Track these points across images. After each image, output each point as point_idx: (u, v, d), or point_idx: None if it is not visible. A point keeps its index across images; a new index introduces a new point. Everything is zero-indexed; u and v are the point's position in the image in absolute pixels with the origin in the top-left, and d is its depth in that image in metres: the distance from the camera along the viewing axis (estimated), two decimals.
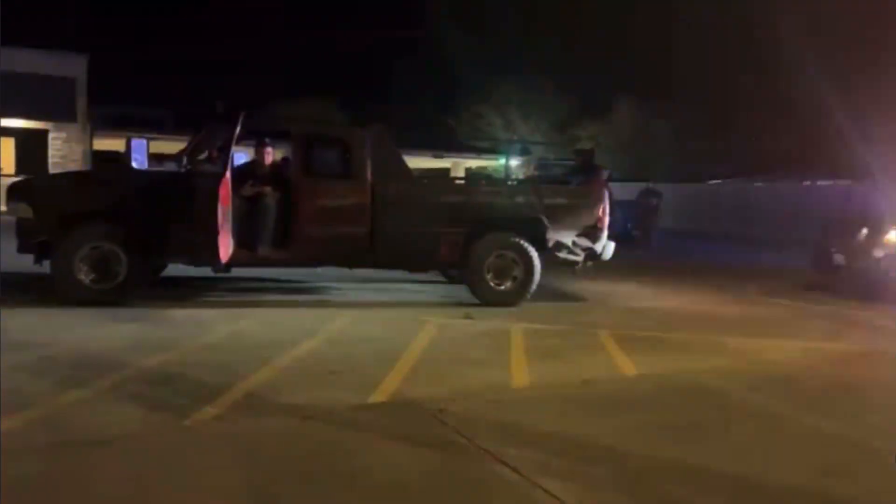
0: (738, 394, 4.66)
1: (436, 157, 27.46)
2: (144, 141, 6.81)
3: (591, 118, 32.15)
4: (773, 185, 24.07)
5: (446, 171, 28.91)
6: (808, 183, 22.25)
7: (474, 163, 32.64)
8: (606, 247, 7.87)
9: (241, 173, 7.31)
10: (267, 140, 7.51)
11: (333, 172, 7.45)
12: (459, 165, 30.99)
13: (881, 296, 8.34)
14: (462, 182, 10.30)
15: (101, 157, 19.63)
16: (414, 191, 7.66)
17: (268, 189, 7.27)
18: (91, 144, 20.66)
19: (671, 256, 14.05)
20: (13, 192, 6.74)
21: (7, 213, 6.74)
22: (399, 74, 35.35)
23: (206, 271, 7.44)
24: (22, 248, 6.72)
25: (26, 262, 6.97)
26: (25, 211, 6.57)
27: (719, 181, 28.50)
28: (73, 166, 19.56)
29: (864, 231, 9.01)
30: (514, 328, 6.44)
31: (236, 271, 7.62)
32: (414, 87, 34.98)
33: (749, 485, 3.25)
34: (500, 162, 33.76)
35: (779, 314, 8.00)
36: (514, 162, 32.45)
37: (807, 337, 6.58)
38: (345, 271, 8.17)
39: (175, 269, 7.90)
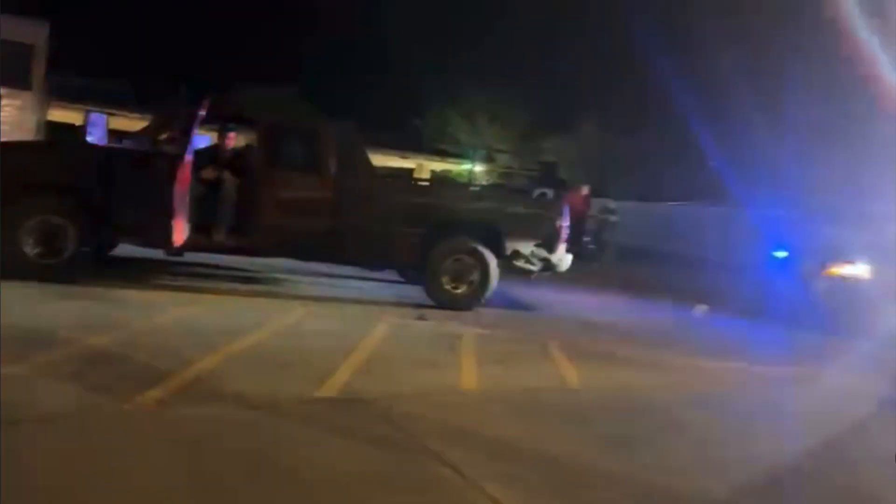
0: (676, 410, 4.79)
1: (402, 157, 27.47)
2: (104, 116, 6.59)
3: (557, 131, 32.59)
4: (725, 209, 24.73)
5: (410, 171, 28.93)
6: (762, 211, 22.92)
7: (439, 165, 32.74)
8: (563, 259, 7.99)
9: (202, 157, 7.19)
10: (231, 126, 7.41)
11: (297, 164, 7.41)
12: (424, 167, 31.05)
13: (822, 324, 8.66)
14: (425, 184, 10.32)
15: (56, 129, 19.03)
16: (377, 189, 7.65)
17: (228, 175, 7.18)
18: (46, 114, 19.99)
19: (625, 272, 14.33)
20: None
21: None
22: (368, 72, 35.19)
23: (158, 253, 7.30)
24: None
25: None
26: None
27: (676, 203, 29.19)
28: (25, 135, 18.87)
29: (808, 261, 9.36)
30: (467, 332, 6.49)
31: (190, 256, 7.50)
32: (382, 86, 34.84)
33: (674, 495, 3.37)
34: (464, 166, 33.96)
35: (722, 335, 8.24)
36: (479, 167, 32.71)
37: (746, 358, 6.80)
38: (299, 264, 8.12)
39: (127, 249, 7.71)
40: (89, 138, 6.49)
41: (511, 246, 7.72)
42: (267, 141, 7.25)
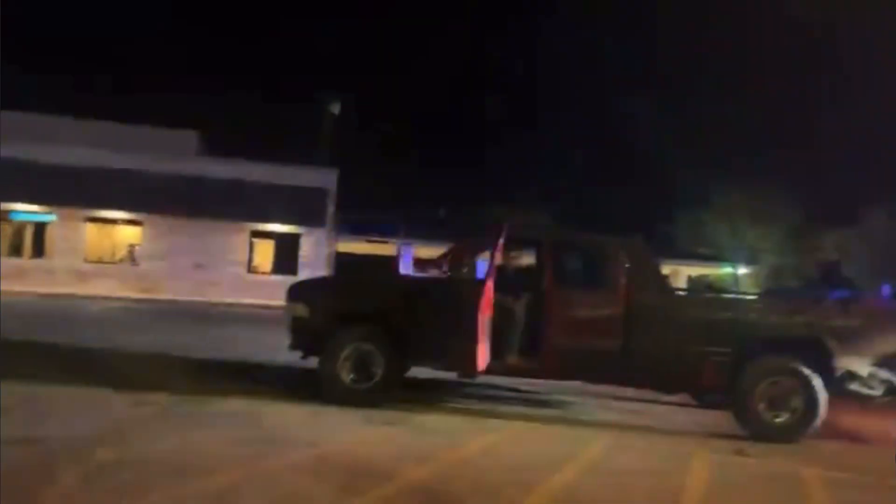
0: None
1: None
2: (411, 247, 7.04)
3: (835, 225, 28.98)
4: None
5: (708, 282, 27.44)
6: None
7: (696, 270, 30.83)
8: None
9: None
10: (516, 247, 7.46)
11: (586, 282, 7.19)
12: (679, 273, 29.40)
13: None
14: (728, 297, 9.36)
15: (362, 262, 21.30)
16: (672, 305, 7.07)
17: (516, 297, 7.15)
18: (335, 247, 22.77)
19: None
20: (293, 291, 7.30)
21: (286, 311, 7.27)
22: (614, 179, 35.12)
23: (445, 375, 7.35)
24: (294, 345, 7.16)
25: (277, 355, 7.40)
26: (302, 310, 7.04)
27: None
28: (320, 267, 21.59)
29: None
30: (807, 474, 5.43)
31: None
32: (628, 193, 34.39)
33: None
34: (724, 270, 31.50)
35: None
36: (742, 271, 30.09)
37: None
38: (581, 384, 7.66)
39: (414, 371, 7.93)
40: (400, 269, 6.92)
41: (842, 365, 6.54)
42: (554, 260, 7.15)
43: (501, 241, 6.42)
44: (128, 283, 21.08)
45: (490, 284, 6.28)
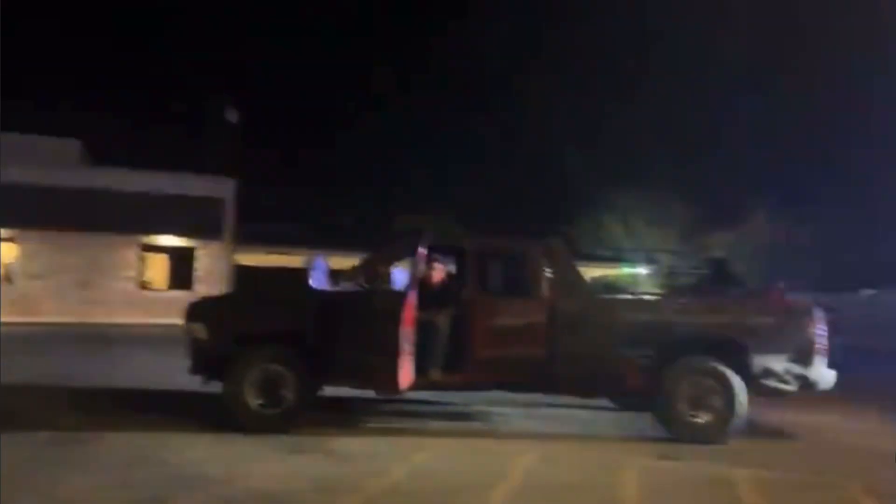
0: None
1: None
2: (323, 258, 6.57)
3: (722, 226, 30.66)
4: None
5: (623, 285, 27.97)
6: None
7: (595, 272, 31.61)
8: (824, 374, 6.73)
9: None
10: (438, 257, 7.12)
11: (509, 289, 6.95)
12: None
13: None
14: (648, 298, 9.37)
15: (272, 275, 20.16)
16: (595, 308, 6.95)
17: (438, 309, 6.81)
18: (234, 260, 21.61)
19: (864, 378, 12.28)
20: (191, 311, 6.63)
21: (184, 332, 6.60)
22: (509, 181, 35.45)
23: (357, 393, 6.92)
24: (195, 369, 6.51)
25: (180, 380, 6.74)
26: (202, 331, 6.40)
27: (874, 291, 25.87)
28: (218, 281, 20.42)
29: None
30: (737, 476, 5.40)
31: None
32: (526, 196, 34.87)
33: None
34: (623, 271, 32.53)
35: None
36: (641, 271, 31.17)
37: None
38: (498, 395, 7.42)
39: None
40: (312, 282, 6.41)
41: (760, 363, 6.63)
42: (476, 268, 6.86)
43: (423, 249, 6.06)
44: (2, 305, 19.12)
45: (413, 296, 5.90)
